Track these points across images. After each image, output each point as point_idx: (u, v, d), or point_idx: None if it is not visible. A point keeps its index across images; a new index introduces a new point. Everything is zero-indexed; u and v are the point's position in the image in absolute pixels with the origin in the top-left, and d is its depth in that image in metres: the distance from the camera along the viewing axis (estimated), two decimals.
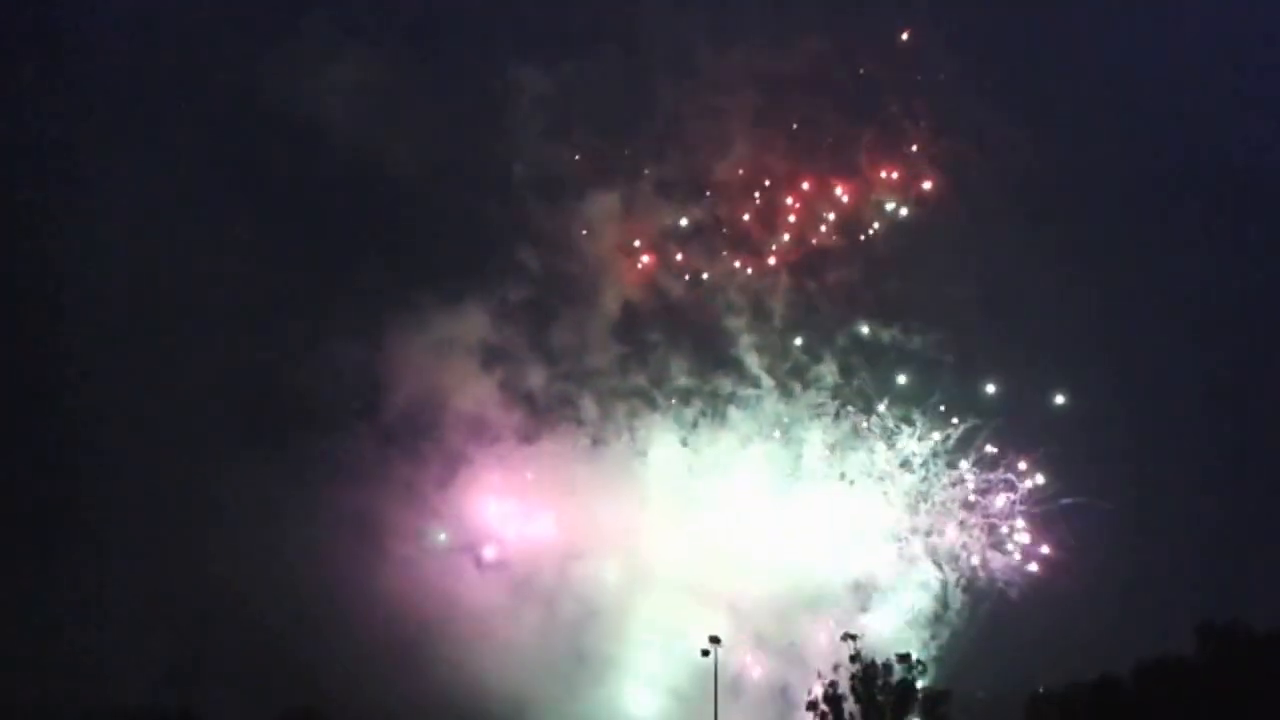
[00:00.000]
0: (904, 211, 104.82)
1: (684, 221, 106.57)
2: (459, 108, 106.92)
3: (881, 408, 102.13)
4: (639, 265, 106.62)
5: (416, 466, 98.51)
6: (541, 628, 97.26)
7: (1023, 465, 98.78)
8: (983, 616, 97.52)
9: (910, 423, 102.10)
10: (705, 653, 73.44)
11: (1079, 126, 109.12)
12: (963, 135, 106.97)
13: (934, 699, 67.87)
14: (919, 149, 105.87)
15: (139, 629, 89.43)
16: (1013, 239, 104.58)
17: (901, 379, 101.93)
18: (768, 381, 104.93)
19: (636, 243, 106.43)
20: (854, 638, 71.36)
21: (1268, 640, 59.32)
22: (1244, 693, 55.45)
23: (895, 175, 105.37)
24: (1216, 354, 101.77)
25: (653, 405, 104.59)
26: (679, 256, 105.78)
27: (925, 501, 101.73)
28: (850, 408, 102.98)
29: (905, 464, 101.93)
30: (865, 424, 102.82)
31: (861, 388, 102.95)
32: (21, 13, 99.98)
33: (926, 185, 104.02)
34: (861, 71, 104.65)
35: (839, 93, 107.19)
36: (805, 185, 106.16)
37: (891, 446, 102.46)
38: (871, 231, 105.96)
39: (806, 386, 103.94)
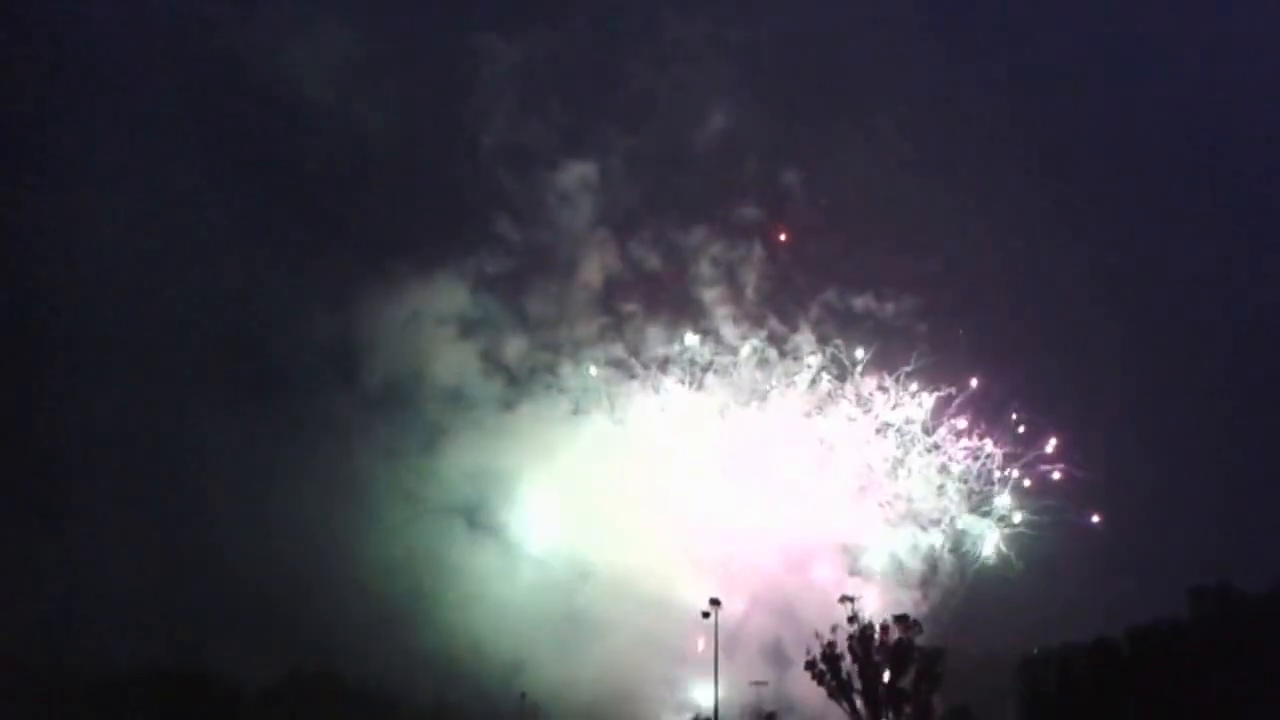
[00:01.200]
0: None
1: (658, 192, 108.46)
2: (434, 78, 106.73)
3: (856, 374, 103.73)
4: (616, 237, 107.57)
5: (399, 431, 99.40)
6: (534, 589, 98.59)
7: (1022, 430, 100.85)
8: (971, 578, 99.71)
9: (884, 389, 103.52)
10: (705, 614, 74.16)
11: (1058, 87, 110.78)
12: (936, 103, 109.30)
13: (930, 658, 68.54)
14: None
15: (138, 592, 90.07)
16: (990, 202, 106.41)
17: (860, 351, 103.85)
18: (745, 350, 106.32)
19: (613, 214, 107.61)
20: (851, 599, 71.97)
21: (1259, 603, 60.40)
22: (1236, 654, 56.57)
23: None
24: (1210, 320, 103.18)
25: (630, 374, 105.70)
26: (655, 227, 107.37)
27: (902, 467, 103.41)
28: (826, 375, 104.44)
29: (880, 431, 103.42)
30: (840, 391, 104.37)
31: (835, 355, 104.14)
32: None
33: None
34: None
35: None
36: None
37: (868, 412, 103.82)
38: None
39: (784, 355, 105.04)
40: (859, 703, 67.91)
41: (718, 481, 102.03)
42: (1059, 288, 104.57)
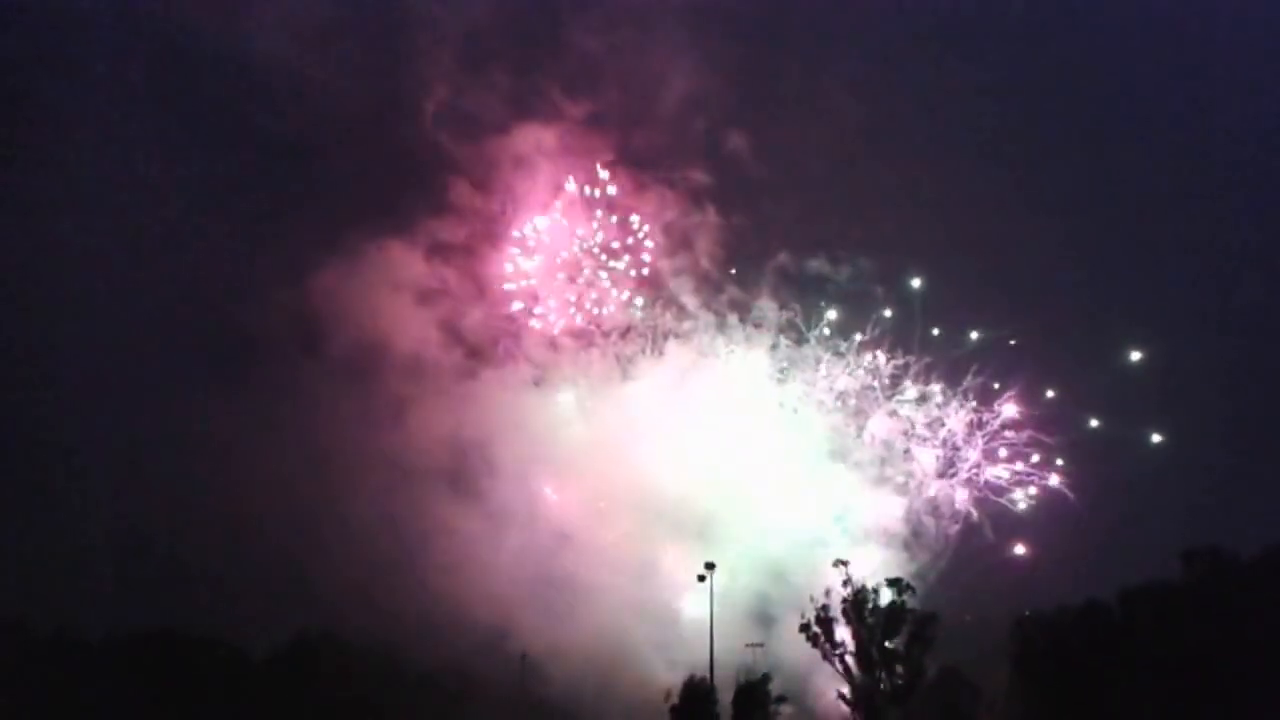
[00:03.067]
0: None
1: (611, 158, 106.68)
2: (383, 46, 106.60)
3: (813, 339, 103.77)
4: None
5: (367, 400, 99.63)
6: (516, 554, 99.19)
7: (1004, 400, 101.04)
8: (955, 542, 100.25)
9: (840, 354, 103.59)
10: (701, 578, 74.49)
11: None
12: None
13: (922, 621, 68.92)
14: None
15: (130, 560, 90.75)
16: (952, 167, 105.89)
17: (832, 313, 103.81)
18: (706, 316, 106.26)
19: (569, 180, 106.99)
20: (844, 563, 72.22)
21: (1250, 566, 60.80)
22: (1226, 615, 56.99)
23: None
24: (1199, 282, 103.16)
25: (590, 342, 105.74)
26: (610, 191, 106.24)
27: (864, 432, 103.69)
28: (784, 339, 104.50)
29: (840, 396, 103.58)
30: (799, 355, 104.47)
31: (792, 320, 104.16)
32: None
33: None
34: None
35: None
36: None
37: (826, 377, 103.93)
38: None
39: (743, 320, 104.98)
40: (853, 664, 68.33)
41: (685, 447, 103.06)
42: (1024, 247, 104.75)
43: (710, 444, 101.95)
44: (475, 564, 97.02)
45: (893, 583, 70.70)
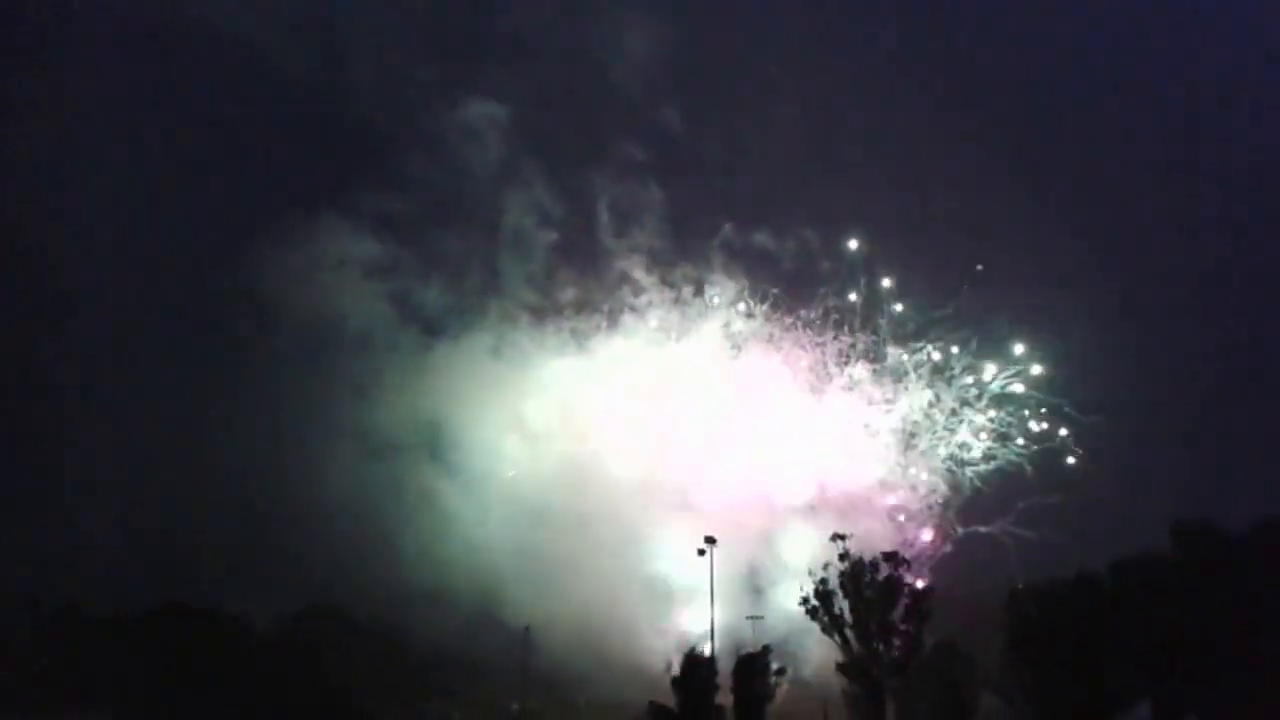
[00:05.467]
0: None
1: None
2: (325, 19, 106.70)
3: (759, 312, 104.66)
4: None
5: (329, 376, 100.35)
6: (499, 526, 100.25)
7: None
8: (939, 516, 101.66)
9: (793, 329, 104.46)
10: (701, 552, 75.38)
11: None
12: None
13: (918, 594, 70.11)
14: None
15: (125, 537, 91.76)
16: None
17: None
18: (658, 292, 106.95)
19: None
20: (843, 538, 73.20)
21: (1237, 539, 62.11)
22: (1215, 587, 58.38)
23: None
24: (1190, 254, 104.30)
25: (542, 319, 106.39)
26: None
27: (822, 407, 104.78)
28: (738, 310, 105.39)
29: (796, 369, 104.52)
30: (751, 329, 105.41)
31: (743, 293, 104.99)
32: None
33: None
34: None
35: None
36: None
37: (778, 350, 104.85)
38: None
39: (698, 293, 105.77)
40: (851, 637, 69.59)
41: (649, 421, 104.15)
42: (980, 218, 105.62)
43: (673, 416, 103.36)
44: (459, 536, 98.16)
45: (889, 557, 71.80)
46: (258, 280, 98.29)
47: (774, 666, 69.47)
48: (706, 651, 70.43)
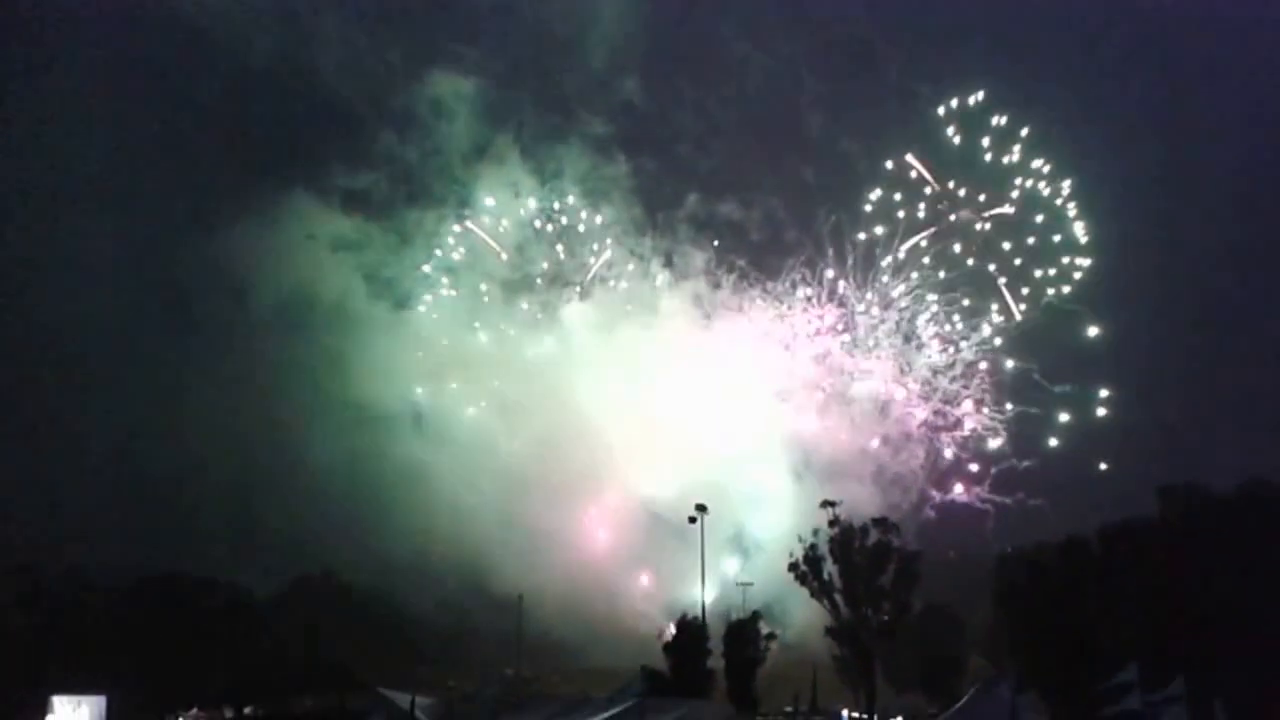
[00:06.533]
0: None
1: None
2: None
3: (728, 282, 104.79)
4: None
5: (305, 349, 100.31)
6: (483, 495, 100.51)
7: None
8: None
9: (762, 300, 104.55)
10: (692, 520, 75.80)
11: None
12: None
13: (907, 559, 70.60)
14: None
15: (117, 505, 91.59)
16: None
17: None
18: (627, 264, 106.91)
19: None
20: (833, 504, 73.65)
21: (1224, 502, 62.37)
22: (1202, 550, 58.70)
23: None
24: (1176, 221, 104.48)
25: (515, 290, 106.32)
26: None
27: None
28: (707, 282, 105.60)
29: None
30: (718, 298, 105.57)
31: (710, 263, 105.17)
32: None
33: None
34: None
35: None
36: None
37: (749, 320, 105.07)
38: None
39: (667, 264, 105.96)
40: (840, 601, 70.12)
41: (625, 387, 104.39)
42: None
43: (645, 384, 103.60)
44: (446, 506, 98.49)
45: (878, 522, 72.26)
46: (230, 257, 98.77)
47: (764, 631, 70.27)
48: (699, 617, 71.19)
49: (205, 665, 72.10)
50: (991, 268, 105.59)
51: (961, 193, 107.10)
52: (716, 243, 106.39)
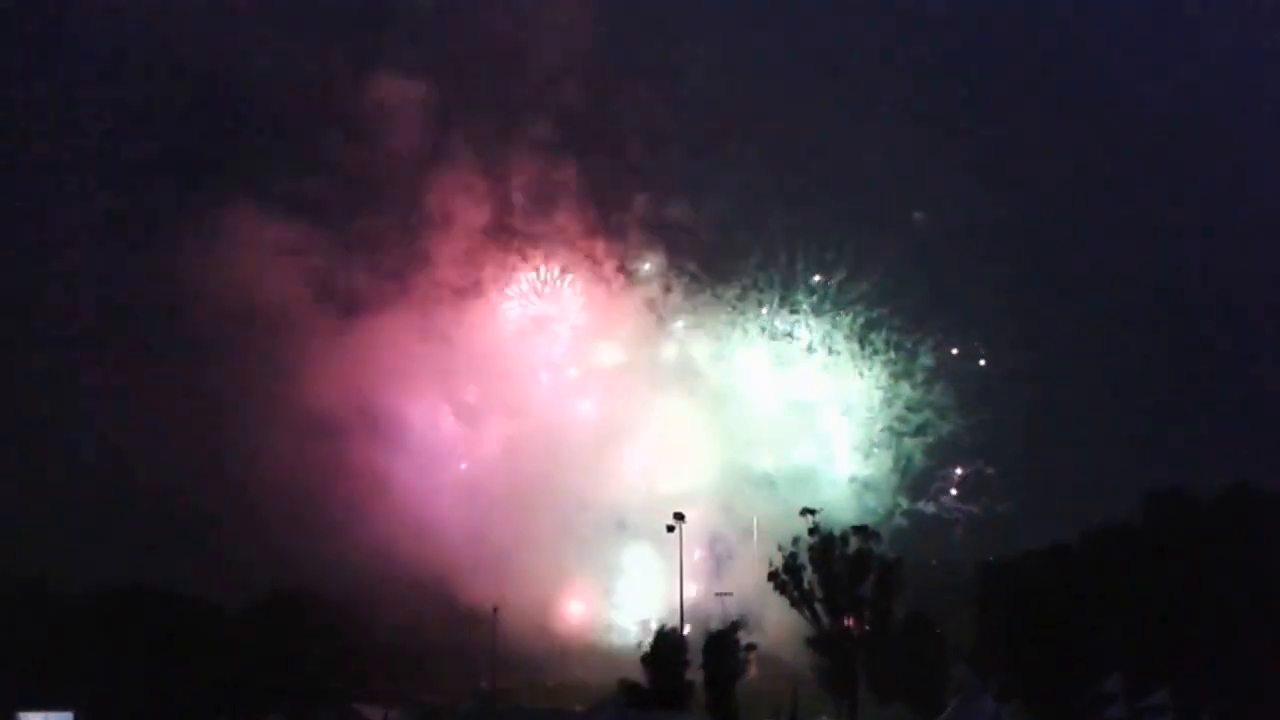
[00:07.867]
0: None
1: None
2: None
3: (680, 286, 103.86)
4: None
5: (252, 358, 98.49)
6: (449, 505, 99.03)
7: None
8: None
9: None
10: (670, 529, 74.53)
11: None
12: None
13: (888, 567, 69.67)
14: None
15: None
16: None
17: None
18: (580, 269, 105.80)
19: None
20: (812, 512, 72.63)
21: (1209, 507, 61.81)
22: (1187, 555, 58.06)
23: None
24: (1157, 222, 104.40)
25: (466, 296, 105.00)
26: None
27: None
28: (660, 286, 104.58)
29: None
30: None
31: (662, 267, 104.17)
32: None
33: None
34: None
35: None
36: None
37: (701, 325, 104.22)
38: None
39: (620, 269, 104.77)
40: (820, 611, 69.03)
41: (581, 394, 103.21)
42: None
43: (605, 390, 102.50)
44: (411, 515, 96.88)
45: (859, 530, 71.31)
46: (170, 266, 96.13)
47: (743, 642, 68.94)
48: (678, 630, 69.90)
49: (174, 680, 70.00)
50: None
51: None
52: (668, 247, 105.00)
